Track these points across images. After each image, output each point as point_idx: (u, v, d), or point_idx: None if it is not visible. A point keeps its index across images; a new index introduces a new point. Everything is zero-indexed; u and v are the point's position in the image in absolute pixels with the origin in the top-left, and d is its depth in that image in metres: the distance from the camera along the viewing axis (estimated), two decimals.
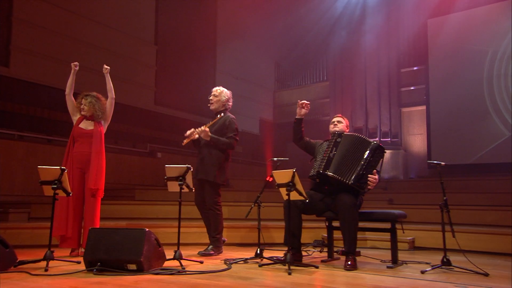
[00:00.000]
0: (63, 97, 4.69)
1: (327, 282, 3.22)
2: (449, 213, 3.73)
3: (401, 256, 4.51)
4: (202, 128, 4.40)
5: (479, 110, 9.24)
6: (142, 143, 9.21)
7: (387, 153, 10.67)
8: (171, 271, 3.23)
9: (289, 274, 3.26)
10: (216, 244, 4.42)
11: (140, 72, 9.73)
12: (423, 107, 10.42)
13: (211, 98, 4.69)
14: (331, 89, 11.89)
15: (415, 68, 10.78)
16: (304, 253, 4.44)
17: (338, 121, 4.37)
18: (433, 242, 5.34)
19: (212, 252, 4.30)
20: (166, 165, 3.75)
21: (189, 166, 3.70)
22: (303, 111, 4.26)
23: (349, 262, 3.63)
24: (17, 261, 3.43)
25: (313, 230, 5.45)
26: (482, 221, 6.08)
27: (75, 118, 4.48)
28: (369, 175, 3.86)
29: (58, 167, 3.54)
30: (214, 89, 4.79)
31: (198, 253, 4.28)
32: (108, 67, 4.70)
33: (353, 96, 11.31)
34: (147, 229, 3.32)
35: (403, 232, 4.23)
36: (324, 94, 12.21)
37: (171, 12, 10.45)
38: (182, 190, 3.69)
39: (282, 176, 3.61)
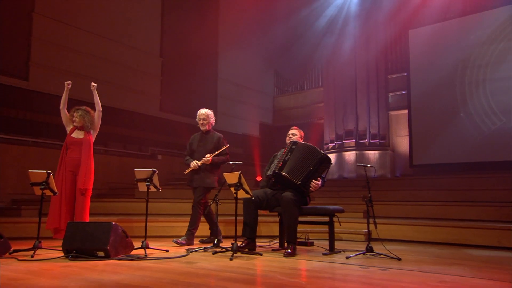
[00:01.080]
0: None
1: (255, 265, 3.53)
2: (372, 208, 4.08)
3: (353, 245, 4.91)
4: (206, 158, 4.86)
5: (454, 113, 9.31)
6: (146, 146, 9.55)
7: (376, 153, 10.97)
8: (132, 257, 3.66)
9: (231, 259, 3.65)
10: (189, 236, 4.86)
11: (147, 82, 10.08)
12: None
13: (202, 121, 5.13)
14: (325, 94, 11.87)
15: (401, 75, 10.79)
16: (267, 243, 4.88)
17: (293, 134, 4.76)
18: (387, 234, 5.58)
19: (184, 242, 4.73)
20: (135, 169, 4.18)
21: (155, 169, 4.12)
22: None
23: (288, 250, 3.99)
24: (11, 249, 3.91)
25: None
26: (445, 215, 6.21)
27: (68, 128, 4.92)
28: (313, 180, 4.22)
29: (45, 171, 4.01)
30: (202, 112, 5.17)
31: (173, 241, 4.73)
32: (95, 84, 5.12)
33: (345, 101, 11.19)
34: (114, 223, 3.76)
35: (340, 225, 4.56)
36: (319, 99, 12.24)
37: (175, 27, 10.71)
38: (149, 190, 4.12)
39: (231, 177, 4.00)
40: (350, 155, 10.98)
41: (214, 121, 5.31)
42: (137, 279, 2.76)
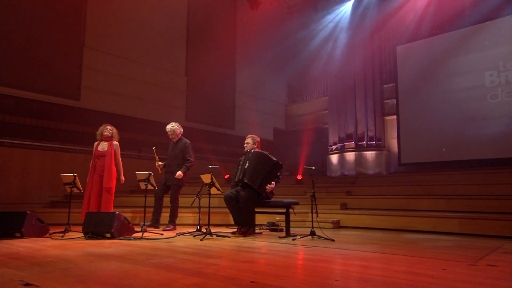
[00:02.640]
0: (120, 120, 7.26)
1: (215, 243, 4.01)
2: (315, 201, 4.61)
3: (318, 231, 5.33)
4: (178, 174, 5.65)
5: (434, 119, 9.47)
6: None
7: (373, 153, 11.23)
8: (130, 238, 4.45)
9: (201, 240, 4.35)
10: (172, 223, 5.70)
11: (174, 97, 10.64)
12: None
13: (170, 135, 5.97)
14: (329, 102, 12.12)
15: (392, 85, 10.97)
16: (258, 230, 5.44)
17: (247, 143, 5.35)
18: (353, 223, 6.15)
19: (169, 228, 5.59)
20: (136, 172, 4.97)
21: (150, 172, 4.90)
22: None
23: (242, 231, 4.67)
24: (50, 232, 4.84)
25: (269, 215, 6.13)
26: (406, 207, 6.61)
27: (94, 146, 5.77)
28: (268, 184, 4.81)
29: (72, 174, 4.92)
30: (168, 128, 6.00)
31: (163, 229, 5.47)
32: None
33: (346, 108, 11.42)
34: (117, 212, 4.58)
35: (295, 214, 5.13)
36: (324, 106, 12.47)
37: (198, 50, 11.08)
38: (148, 187, 4.90)
39: (206, 178, 4.73)
40: (350, 156, 11.31)
41: (181, 131, 6.05)
42: (119, 252, 3.53)
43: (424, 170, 9.39)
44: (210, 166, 5.07)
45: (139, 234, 4.60)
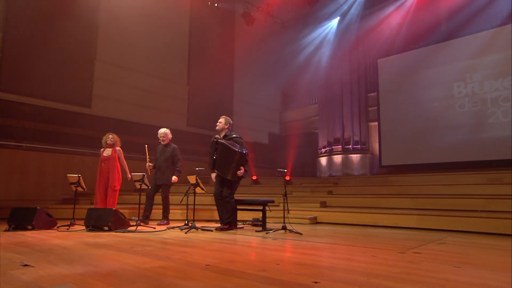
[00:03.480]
0: (127, 125, 7.98)
1: (196, 236, 4.30)
2: (287, 199, 4.92)
3: (299, 228, 5.44)
4: (174, 179, 6.03)
5: (412, 125, 9.74)
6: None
7: (358, 156, 11.51)
8: (124, 231, 4.83)
9: (186, 233, 4.70)
10: (166, 219, 6.03)
11: (177, 105, 10.99)
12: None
13: (161, 138, 6.26)
14: (320, 109, 12.41)
15: (374, 94, 11.25)
16: (241, 225, 5.72)
17: (219, 122, 5.31)
18: (328, 219, 6.37)
19: (164, 222, 5.91)
20: (132, 173, 5.35)
21: (144, 174, 5.27)
22: None
23: (220, 227, 5.00)
24: (57, 225, 5.25)
25: (254, 212, 6.50)
26: (376, 205, 6.90)
27: (101, 151, 6.21)
28: (238, 171, 4.95)
29: (77, 175, 5.32)
30: (162, 131, 6.27)
31: (157, 223, 5.81)
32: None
33: (334, 114, 11.76)
34: (114, 208, 4.96)
35: (270, 211, 5.39)
36: (315, 113, 12.74)
37: (199, 61, 11.37)
38: (142, 187, 5.28)
39: (191, 179, 5.09)
40: (337, 158, 11.63)
41: (171, 136, 6.36)
42: (111, 242, 3.91)
43: (400, 171, 9.67)
44: (197, 169, 5.41)
45: (134, 228, 4.98)
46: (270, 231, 4.86)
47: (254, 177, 9.75)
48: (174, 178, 6.02)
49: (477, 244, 3.90)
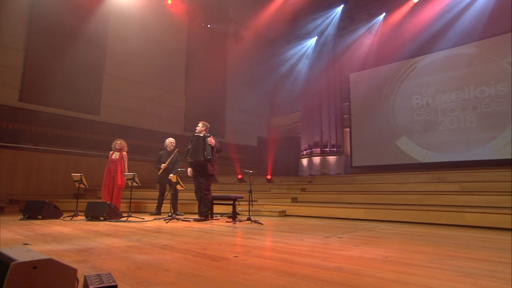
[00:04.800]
0: (130, 130, 8.32)
1: (173, 225, 4.69)
2: (251, 195, 5.35)
3: (269, 220, 5.88)
4: (172, 176, 6.21)
5: (378, 131, 10.16)
6: None
7: (334, 157, 11.91)
8: (116, 221, 5.32)
9: (166, 222, 5.17)
10: (159, 212, 6.43)
11: (175, 112, 11.40)
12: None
13: (170, 146, 6.66)
14: (302, 116, 12.80)
15: (347, 103, 11.68)
16: (217, 217, 6.08)
17: (198, 126, 5.74)
18: (295, 212, 6.69)
19: (156, 215, 6.33)
20: (125, 173, 5.84)
21: (135, 173, 5.75)
22: None
23: (197, 218, 5.43)
24: (63, 215, 5.75)
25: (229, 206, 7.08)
26: (345, 200, 7.25)
27: (110, 154, 6.65)
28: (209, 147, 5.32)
29: (79, 174, 5.82)
30: (172, 140, 6.71)
31: (150, 214, 6.27)
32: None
33: (314, 121, 12.15)
34: (108, 202, 5.45)
35: (239, 207, 5.83)
36: (298, 119, 13.10)
37: (195, 73, 11.79)
38: (133, 184, 5.75)
39: (173, 178, 5.56)
40: (316, 159, 12.05)
41: (174, 144, 6.77)
42: (100, 229, 4.40)
43: (367, 171, 10.10)
44: (179, 169, 5.88)
45: (125, 218, 5.47)
46: (237, 222, 5.31)
47: (240, 176, 10.20)
48: (171, 176, 6.38)
49: (396, 231, 4.33)
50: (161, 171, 6.49)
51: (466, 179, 6.85)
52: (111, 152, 6.61)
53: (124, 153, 6.55)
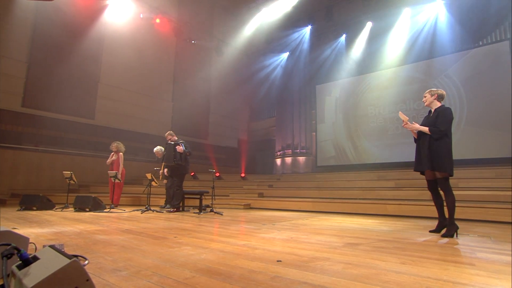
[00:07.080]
0: (123, 133, 8.36)
1: (153, 216, 5.12)
2: (214, 190, 5.82)
3: (234, 212, 6.36)
4: (147, 174, 6.70)
5: (338, 135, 10.70)
6: None
7: (303, 158, 12.43)
8: (101, 211, 5.76)
9: (141, 213, 5.62)
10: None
11: (163, 117, 11.75)
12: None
13: (156, 155, 7.04)
14: (277, 121, 13.34)
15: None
16: (187, 209, 6.49)
17: (169, 134, 6.20)
18: (258, 205, 7.16)
19: (150, 209, 6.75)
20: (108, 171, 6.28)
21: (117, 171, 6.20)
22: None
23: (170, 210, 5.91)
24: (55, 207, 6.16)
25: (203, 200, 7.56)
26: (302, 195, 7.74)
27: (110, 155, 7.05)
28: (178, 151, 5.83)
29: (69, 172, 6.26)
30: (155, 151, 7.05)
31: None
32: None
33: (287, 125, 12.75)
34: (93, 196, 5.90)
35: (212, 201, 6.25)
36: (273, 124, 13.62)
37: (182, 82, 12.13)
38: (115, 181, 6.21)
39: (148, 175, 6.02)
40: (288, 160, 12.60)
41: (162, 151, 7.14)
42: (82, 217, 4.86)
43: (328, 170, 10.65)
44: (155, 168, 6.34)
45: (107, 209, 5.92)
46: (202, 213, 5.78)
47: (217, 174, 10.66)
48: (147, 174, 6.84)
49: (326, 220, 4.84)
50: (163, 170, 6.75)
51: (400, 177, 7.44)
52: (112, 153, 6.92)
53: (121, 153, 6.83)
